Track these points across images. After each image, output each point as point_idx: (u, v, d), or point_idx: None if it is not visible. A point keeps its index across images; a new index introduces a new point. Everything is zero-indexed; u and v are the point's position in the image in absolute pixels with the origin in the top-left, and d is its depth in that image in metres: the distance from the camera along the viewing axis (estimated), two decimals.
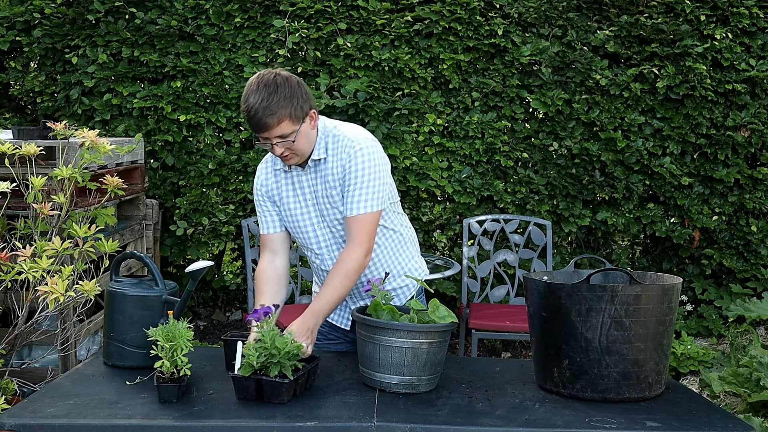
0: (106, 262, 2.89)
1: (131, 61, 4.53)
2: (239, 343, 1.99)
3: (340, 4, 4.47)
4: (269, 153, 2.44)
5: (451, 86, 4.55)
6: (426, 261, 2.74)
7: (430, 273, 3.74)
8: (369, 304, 2.16)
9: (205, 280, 5.02)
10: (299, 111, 2.21)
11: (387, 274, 2.37)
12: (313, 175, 2.35)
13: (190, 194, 4.53)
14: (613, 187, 4.67)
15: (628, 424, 1.87)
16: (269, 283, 2.40)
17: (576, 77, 4.54)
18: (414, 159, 4.48)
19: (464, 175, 4.56)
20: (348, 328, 2.50)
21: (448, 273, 3.86)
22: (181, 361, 1.93)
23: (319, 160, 2.32)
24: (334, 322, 2.54)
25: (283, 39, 4.48)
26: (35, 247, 2.71)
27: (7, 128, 4.07)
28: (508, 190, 4.61)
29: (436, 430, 1.83)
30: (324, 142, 2.32)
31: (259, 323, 2.01)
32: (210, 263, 2.14)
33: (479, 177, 4.60)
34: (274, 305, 2.14)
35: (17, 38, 4.49)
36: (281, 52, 4.41)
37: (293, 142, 2.22)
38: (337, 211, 2.34)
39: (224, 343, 2.18)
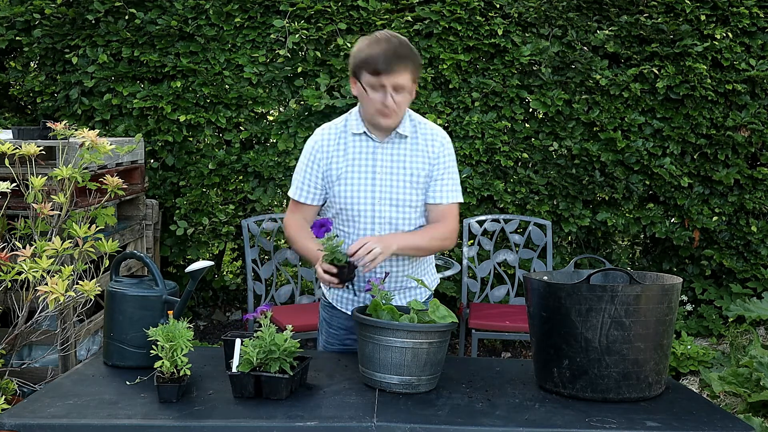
0: (106, 262, 2.89)
1: (131, 61, 4.53)
2: (237, 341, 1.99)
3: (340, 4, 4.47)
4: (339, 121, 2.43)
5: (451, 86, 4.55)
6: None
7: None
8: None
9: (205, 280, 5.02)
10: (418, 73, 2.32)
11: (387, 274, 2.37)
12: (389, 150, 2.36)
13: (190, 194, 4.53)
14: (613, 187, 4.67)
15: (628, 424, 1.87)
16: (305, 229, 2.38)
17: (576, 77, 4.54)
18: None
19: (464, 175, 4.56)
20: None
21: (448, 273, 3.86)
22: (181, 361, 1.93)
23: (403, 136, 2.36)
24: None
25: (283, 39, 4.48)
26: (35, 247, 2.71)
27: (7, 128, 4.07)
28: (508, 190, 4.61)
29: (436, 430, 1.83)
30: (409, 123, 2.37)
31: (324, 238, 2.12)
32: (210, 263, 2.14)
33: (479, 177, 4.60)
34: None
35: (17, 38, 4.49)
36: (281, 52, 4.41)
37: (408, 95, 2.27)
38: (406, 191, 2.36)
39: (224, 343, 2.18)
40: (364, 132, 2.37)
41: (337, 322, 2.54)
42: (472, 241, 4.41)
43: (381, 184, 2.36)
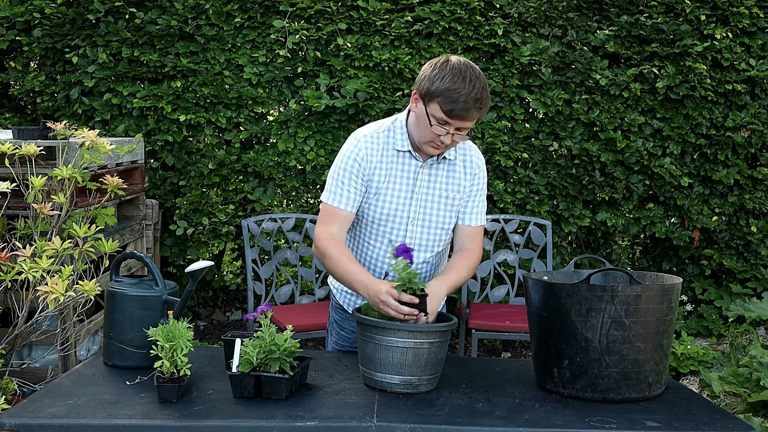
0: (106, 262, 2.89)
1: (131, 61, 4.52)
2: (237, 341, 2.00)
3: (340, 4, 4.47)
4: (381, 129, 2.36)
5: None
6: None
7: None
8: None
9: (205, 280, 5.02)
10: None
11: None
12: (427, 171, 2.35)
13: (190, 194, 4.53)
14: (613, 187, 4.67)
15: (628, 424, 1.87)
16: (344, 246, 2.32)
17: (576, 77, 4.54)
18: None
19: None
20: None
21: None
22: (181, 361, 1.93)
23: (448, 160, 2.36)
24: None
25: (283, 39, 4.48)
26: (35, 247, 2.71)
27: (7, 128, 4.07)
28: (508, 190, 4.61)
29: (436, 430, 1.83)
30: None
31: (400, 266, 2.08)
32: (210, 263, 2.14)
33: None
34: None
35: (17, 38, 4.49)
36: (281, 52, 4.41)
37: (466, 134, 2.26)
38: (440, 214, 2.36)
39: (224, 343, 2.18)
40: (409, 151, 2.34)
41: (348, 324, 2.55)
42: None
43: (417, 204, 2.35)
